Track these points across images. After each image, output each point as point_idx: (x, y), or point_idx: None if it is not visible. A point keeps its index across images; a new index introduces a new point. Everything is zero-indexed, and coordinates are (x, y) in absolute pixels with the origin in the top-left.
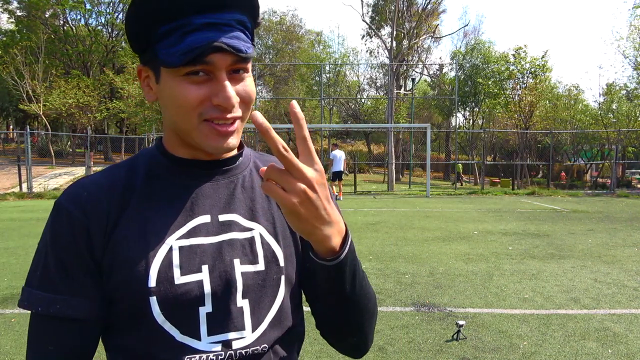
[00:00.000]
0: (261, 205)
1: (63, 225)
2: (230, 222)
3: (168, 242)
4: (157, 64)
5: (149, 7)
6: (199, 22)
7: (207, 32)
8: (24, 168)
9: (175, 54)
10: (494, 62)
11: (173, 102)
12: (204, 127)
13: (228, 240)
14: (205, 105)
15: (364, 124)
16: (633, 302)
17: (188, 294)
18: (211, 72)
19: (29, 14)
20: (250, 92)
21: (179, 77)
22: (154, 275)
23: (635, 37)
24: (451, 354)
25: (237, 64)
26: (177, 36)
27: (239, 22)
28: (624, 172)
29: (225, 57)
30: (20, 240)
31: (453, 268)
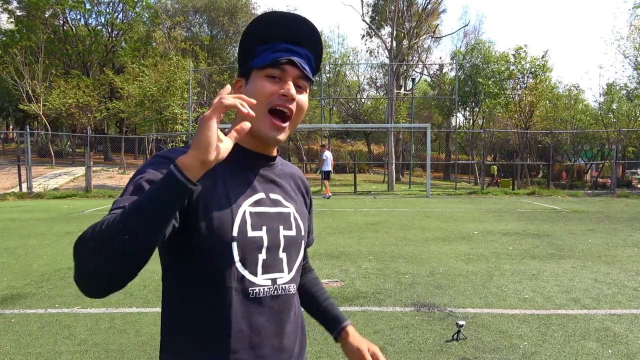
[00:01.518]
0: (291, 192)
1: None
2: (277, 200)
3: (243, 207)
4: (250, 70)
5: (259, 30)
6: (283, 47)
7: (288, 53)
8: (23, 168)
9: (265, 60)
10: (494, 62)
11: (255, 92)
12: (266, 118)
13: (277, 212)
14: (274, 95)
15: (364, 124)
16: (633, 302)
17: (255, 244)
18: (282, 78)
19: (29, 14)
20: (304, 103)
21: (261, 76)
22: (236, 227)
23: (636, 37)
24: (451, 354)
25: (300, 80)
26: (268, 52)
27: (307, 56)
28: (624, 172)
29: (294, 70)
30: (20, 240)
31: (453, 268)
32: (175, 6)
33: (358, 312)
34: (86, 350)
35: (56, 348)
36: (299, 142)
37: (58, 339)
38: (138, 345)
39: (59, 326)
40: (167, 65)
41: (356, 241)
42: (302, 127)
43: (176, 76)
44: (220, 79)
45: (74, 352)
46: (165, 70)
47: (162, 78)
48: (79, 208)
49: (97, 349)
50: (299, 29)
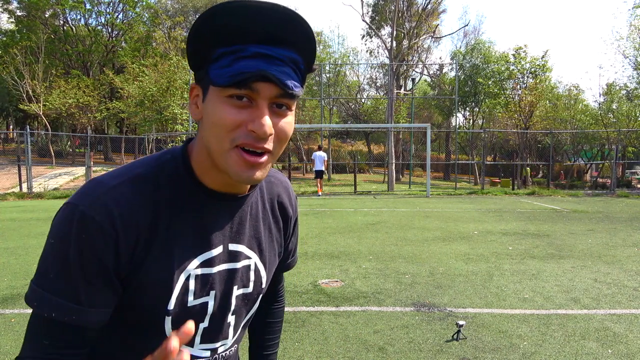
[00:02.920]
0: (260, 235)
1: (94, 237)
2: (237, 252)
3: (188, 271)
4: (206, 82)
5: (214, 29)
6: (253, 51)
7: (259, 61)
8: (24, 168)
9: (224, 75)
10: (494, 62)
11: (211, 121)
12: (233, 154)
13: (233, 269)
14: (240, 130)
15: (364, 124)
16: (633, 302)
17: (195, 314)
18: (254, 99)
19: (29, 14)
20: (288, 130)
21: (222, 97)
22: (174, 299)
23: (635, 37)
24: (451, 354)
25: (280, 99)
26: (230, 59)
27: (292, 60)
28: (624, 172)
29: (270, 87)
30: (20, 240)
31: (453, 268)
32: (175, 6)
33: (358, 312)
34: None
35: None
36: (299, 142)
37: None
38: None
39: None
40: (167, 65)
41: (356, 241)
42: (302, 127)
43: (176, 76)
44: None
45: None
46: (165, 70)
47: (162, 78)
48: None
49: None
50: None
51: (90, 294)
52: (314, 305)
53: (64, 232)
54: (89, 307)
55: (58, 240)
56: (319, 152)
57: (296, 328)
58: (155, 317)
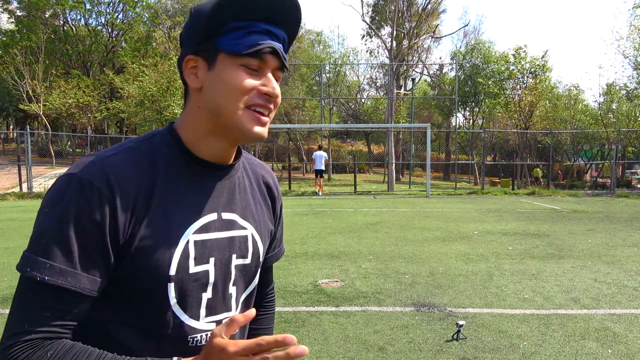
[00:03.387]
0: (251, 207)
1: (91, 201)
2: (231, 221)
3: (186, 236)
4: (215, 53)
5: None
6: (262, 27)
7: (268, 37)
8: (24, 168)
9: (241, 45)
10: (494, 62)
11: (226, 86)
12: (246, 113)
13: (230, 238)
14: (252, 92)
15: (364, 124)
16: (633, 302)
17: (198, 282)
18: (261, 68)
19: (29, 14)
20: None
21: (237, 64)
22: (175, 265)
23: (635, 37)
24: (451, 354)
25: (277, 71)
26: (242, 32)
27: (284, 40)
28: (624, 172)
29: (275, 60)
30: (20, 240)
31: (453, 268)
32: (175, 6)
33: (358, 312)
34: None
35: None
36: (299, 142)
37: None
38: None
39: None
40: (167, 65)
41: (356, 241)
42: (302, 127)
43: (176, 76)
44: None
45: None
46: (165, 70)
47: (162, 78)
48: None
49: None
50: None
51: (84, 259)
52: (314, 305)
53: (60, 200)
54: (82, 271)
55: (53, 208)
56: (319, 151)
57: (296, 328)
58: (157, 283)
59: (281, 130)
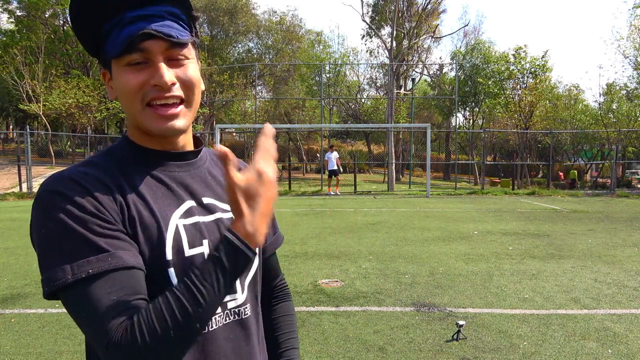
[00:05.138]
0: None
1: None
2: (212, 204)
3: (173, 221)
4: (107, 60)
5: (88, 9)
6: (132, 15)
7: (140, 23)
8: (24, 168)
9: (116, 45)
10: (494, 62)
11: (121, 91)
12: (147, 112)
13: (216, 219)
14: (145, 88)
15: (364, 124)
16: (633, 302)
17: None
18: (148, 58)
19: (29, 14)
20: (192, 76)
21: (122, 67)
22: (169, 249)
23: (635, 37)
24: (451, 354)
25: (172, 50)
26: (116, 31)
27: (170, 14)
28: (624, 172)
29: (158, 43)
30: (20, 240)
31: (453, 268)
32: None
33: (358, 312)
34: None
35: (56, 348)
36: (299, 142)
37: (58, 339)
38: None
39: (59, 326)
40: None
41: (356, 241)
42: (302, 127)
43: None
44: (220, 79)
45: (74, 352)
46: None
47: None
48: None
49: None
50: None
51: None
52: (314, 305)
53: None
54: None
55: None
56: (332, 151)
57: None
58: (158, 270)
59: (281, 130)
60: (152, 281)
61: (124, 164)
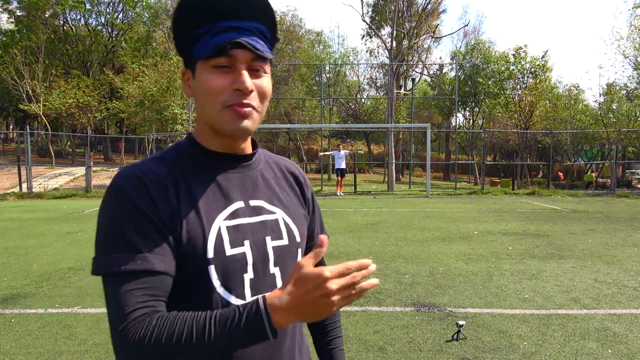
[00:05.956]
0: (278, 194)
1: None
2: (259, 207)
3: (217, 223)
4: (193, 61)
5: (187, 14)
6: (225, 25)
7: (232, 33)
8: (23, 168)
9: (207, 47)
10: (494, 62)
11: (203, 91)
12: (225, 112)
13: (261, 222)
14: (227, 92)
15: (364, 124)
16: (633, 302)
17: (236, 263)
18: (233, 65)
19: (29, 14)
20: (266, 88)
21: (208, 68)
22: (211, 248)
23: (635, 37)
24: (451, 354)
25: (255, 62)
26: (208, 37)
27: (258, 30)
28: (624, 172)
29: (245, 53)
30: (20, 240)
31: (453, 268)
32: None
33: (358, 312)
34: (86, 350)
35: (56, 348)
36: (299, 142)
37: (58, 339)
38: None
39: (59, 326)
40: (167, 65)
41: (356, 241)
42: (302, 127)
43: (176, 76)
44: None
45: (74, 352)
46: (165, 70)
47: (162, 78)
48: (79, 208)
49: (97, 349)
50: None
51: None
52: None
53: (108, 205)
54: (148, 252)
55: (105, 213)
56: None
57: None
58: (199, 266)
59: (281, 130)
60: (194, 276)
61: (186, 162)
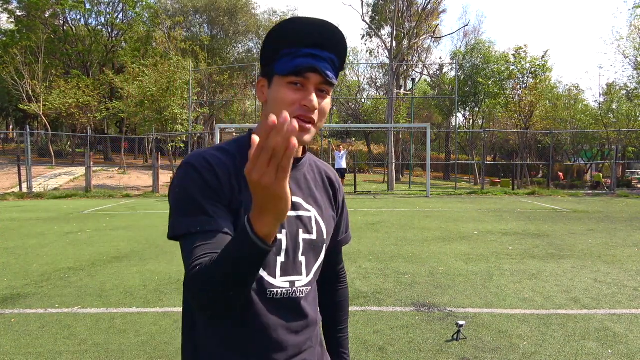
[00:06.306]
0: (315, 194)
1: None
2: (297, 203)
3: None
4: (272, 74)
5: (279, 37)
6: (306, 52)
7: (310, 59)
8: (24, 168)
9: (287, 67)
10: (494, 62)
11: (276, 101)
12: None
13: (297, 216)
14: (296, 105)
15: (364, 124)
16: (633, 302)
17: None
18: (305, 85)
19: (29, 14)
20: (326, 108)
21: (284, 83)
22: None
23: (635, 37)
24: (451, 354)
25: (323, 85)
26: (290, 57)
27: (330, 60)
28: (624, 172)
29: (317, 77)
30: (20, 240)
31: (453, 268)
32: (175, 6)
33: (358, 312)
34: (86, 350)
35: (56, 348)
36: None
37: (58, 339)
38: (138, 345)
39: (59, 326)
40: (167, 65)
41: (356, 241)
42: None
43: (176, 76)
44: (220, 79)
45: (74, 352)
46: (165, 70)
47: (162, 78)
48: (79, 208)
49: (97, 349)
50: (322, 33)
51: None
52: None
53: (182, 178)
54: (217, 217)
55: (179, 185)
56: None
57: None
58: None
59: None
60: None
61: (244, 155)
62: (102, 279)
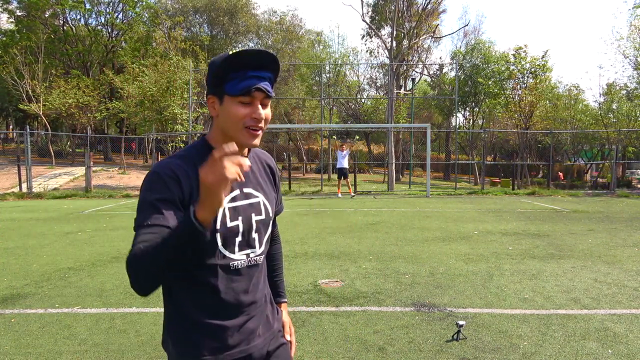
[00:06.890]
0: (260, 182)
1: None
2: (249, 193)
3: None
4: (223, 94)
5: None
6: (251, 74)
7: (255, 80)
8: (23, 168)
9: (236, 89)
10: (494, 62)
11: (230, 117)
12: (244, 132)
13: (250, 203)
14: (247, 118)
15: (364, 124)
16: (633, 302)
17: (233, 231)
18: (252, 102)
19: (29, 14)
20: (269, 115)
21: (235, 102)
22: (219, 222)
23: (635, 37)
24: (451, 354)
25: (265, 99)
26: (238, 80)
27: (269, 78)
28: (624, 172)
29: (260, 94)
30: (20, 240)
31: (453, 268)
32: (175, 6)
33: (358, 312)
34: (86, 350)
35: (56, 348)
36: (299, 142)
37: (58, 339)
38: (138, 345)
39: (59, 326)
40: (167, 65)
41: (356, 241)
42: (302, 127)
43: (176, 76)
44: None
45: (74, 352)
46: (165, 70)
47: (162, 78)
48: (79, 208)
49: (97, 349)
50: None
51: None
52: (314, 305)
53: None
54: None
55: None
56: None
57: (296, 328)
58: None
59: (281, 130)
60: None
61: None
62: (102, 279)
